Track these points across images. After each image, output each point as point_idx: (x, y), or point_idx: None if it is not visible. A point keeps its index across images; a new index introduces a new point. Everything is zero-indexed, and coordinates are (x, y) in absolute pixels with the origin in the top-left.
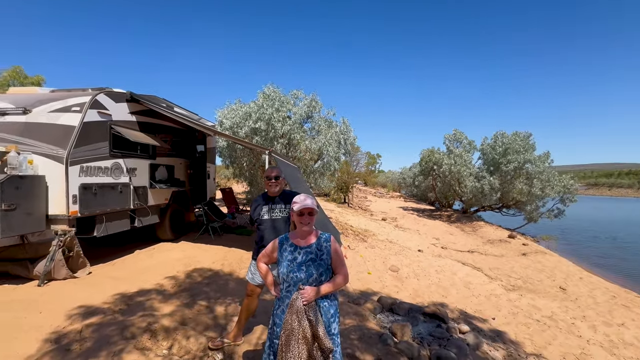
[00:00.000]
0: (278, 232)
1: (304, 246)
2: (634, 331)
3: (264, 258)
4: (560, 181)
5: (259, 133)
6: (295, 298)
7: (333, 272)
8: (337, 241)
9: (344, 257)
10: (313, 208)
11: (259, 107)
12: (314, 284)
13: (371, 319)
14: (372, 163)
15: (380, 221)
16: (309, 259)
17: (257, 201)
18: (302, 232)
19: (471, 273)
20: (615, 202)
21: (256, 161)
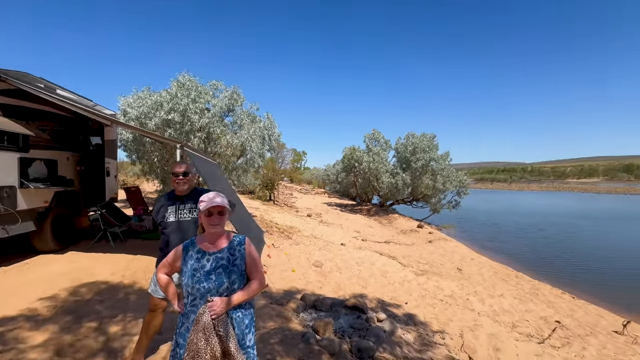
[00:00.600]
0: (186, 235)
1: (214, 251)
2: (510, 300)
3: (164, 268)
4: (457, 177)
5: (173, 125)
6: (201, 313)
7: (248, 277)
8: (260, 240)
9: (260, 260)
10: (224, 207)
11: (172, 97)
12: (225, 294)
13: (294, 319)
14: (297, 160)
15: (305, 217)
16: (219, 266)
17: (161, 201)
18: (210, 235)
19: (387, 262)
20: (495, 193)
21: (169, 156)
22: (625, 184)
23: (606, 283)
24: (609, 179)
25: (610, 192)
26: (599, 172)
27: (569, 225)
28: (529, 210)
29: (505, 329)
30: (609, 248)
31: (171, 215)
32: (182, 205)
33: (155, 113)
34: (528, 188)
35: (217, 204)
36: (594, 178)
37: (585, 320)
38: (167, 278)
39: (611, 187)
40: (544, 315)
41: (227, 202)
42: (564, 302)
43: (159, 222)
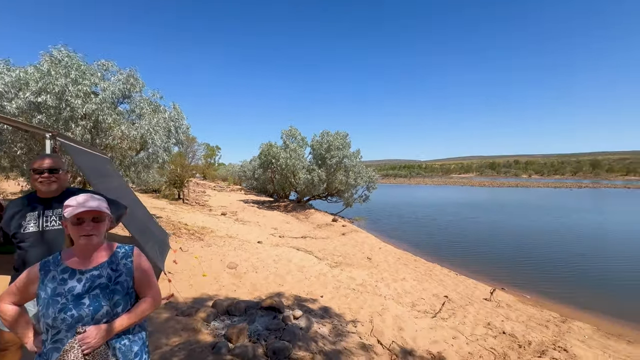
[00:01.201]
0: (54, 250)
1: (88, 269)
2: (410, 282)
3: (10, 296)
4: (366, 173)
5: (45, 110)
6: (67, 349)
7: (138, 295)
8: (165, 245)
9: (152, 273)
10: (100, 211)
11: (42, 75)
12: (105, 320)
13: (204, 330)
14: (211, 155)
15: (219, 216)
16: (96, 286)
17: (16, 206)
18: (82, 249)
19: (304, 257)
20: (398, 187)
21: (40, 148)
22: (490, 178)
23: (480, 259)
24: (480, 174)
25: (481, 185)
26: (473, 168)
27: (454, 214)
28: (425, 201)
29: (407, 309)
30: (483, 231)
31: (31, 224)
32: (49, 210)
33: (18, 93)
34: (423, 182)
35: (89, 208)
36: (470, 174)
37: (465, 293)
38: (15, 309)
39: (482, 181)
40: (436, 293)
41: (106, 205)
42: (450, 279)
43: (12, 234)
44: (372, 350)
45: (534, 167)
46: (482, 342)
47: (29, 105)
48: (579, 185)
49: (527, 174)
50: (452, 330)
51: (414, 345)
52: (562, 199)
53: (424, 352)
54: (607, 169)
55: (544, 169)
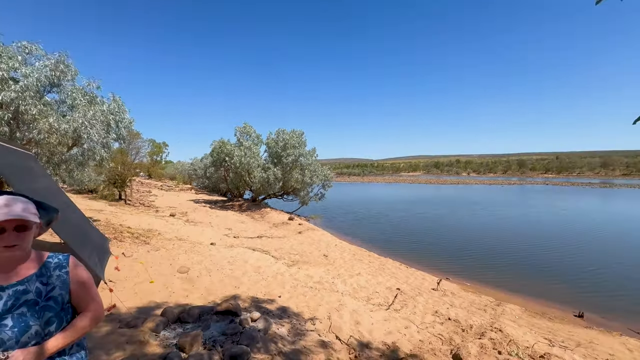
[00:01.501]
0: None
1: (10, 284)
2: (365, 277)
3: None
4: (322, 171)
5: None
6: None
7: (76, 311)
8: (105, 251)
9: (93, 283)
10: (25, 220)
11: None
12: (34, 342)
13: (152, 341)
14: (157, 152)
15: (168, 218)
16: (21, 304)
17: None
18: (2, 262)
19: (261, 257)
20: (352, 185)
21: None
22: (435, 176)
23: (427, 252)
24: (426, 172)
25: (427, 182)
26: (420, 167)
27: (404, 210)
28: (377, 199)
29: (363, 303)
30: (430, 225)
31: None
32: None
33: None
34: (375, 180)
35: (11, 216)
36: (418, 172)
37: (415, 284)
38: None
39: (428, 179)
40: (389, 286)
41: (34, 210)
42: (401, 272)
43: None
44: (331, 346)
45: (472, 166)
46: (431, 329)
47: None
48: (508, 182)
49: (467, 172)
50: (404, 320)
51: (370, 338)
52: (495, 194)
53: (379, 343)
54: (530, 168)
55: (480, 167)
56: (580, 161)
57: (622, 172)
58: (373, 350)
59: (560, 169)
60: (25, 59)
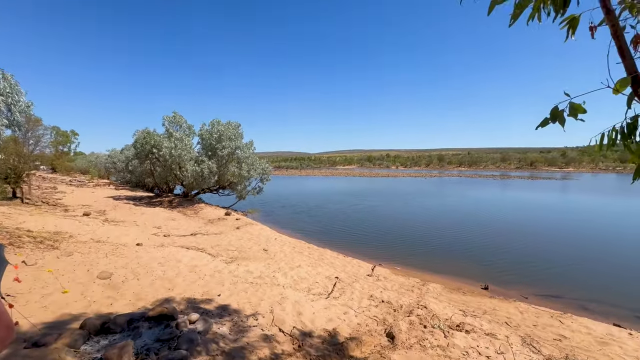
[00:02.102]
0: None
1: None
2: (305, 268)
3: None
4: (260, 164)
5: None
6: None
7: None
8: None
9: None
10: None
11: None
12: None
13: (69, 358)
14: (64, 142)
15: (81, 217)
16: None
17: None
18: None
19: (196, 256)
20: (290, 179)
21: None
22: (368, 169)
23: (361, 240)
24: (360, 166)
25: (361, 175)
26: (355, 161)
27: (340, 202)
28: (314, 191)
29: (304, 294)
30: (363, 216)
31: None
32: None
33: None
34: (313, 173)
35: None
36: (352, 165)
37: (352, 272)
38: None
39: (362, 172)
40: (328, 275)
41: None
42: (339, 261)
43: None
44: (275, 339)
45: (400, 160)
46: (367, 312)
47: None
48: (430, 175)
49: (395, 165)
50: (343, 307)
51: (312, 327)
52: (420, 185)
53: (321, 331)
54: (448, 162)
55: (407, 161)
56: (485, 156)
57: (515, 165)
58: (315, 338)
59: (471, 163)
60: None
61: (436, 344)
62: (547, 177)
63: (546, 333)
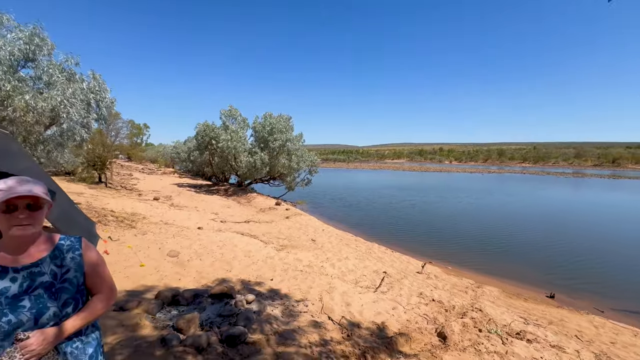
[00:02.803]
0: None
1: (24, 265)
2: (353, 261)
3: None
4: (309, 157)
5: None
6: (6, 359)
7: (90, 292)
8: (92, 235)
9: (105, 266)
10: (38, 197)
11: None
12: (52, 324)
13: (148, 323)
14: (137, 134)
15: (152, 201)
16: (37, 285)
17: None
18: (15, 242)
19: (250, 242)
20: (337, 171)
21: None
22: (419, 164)
23: (411, 237)
24: (410, 160)
25: (411, 169)
26: (405, 155)
27: (389, 196)
28: (362, 185)
29: (351, 286)
30: (414, 211)
31: None
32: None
33: None
34: (360, 167)
35: (23, 193)
36: (402, 159)
37: (401, 268)
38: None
39: (412, 166)
40: (376, 269)
41: (43, 189)
42: (387, 256)
43: None
44: (324, 326)
45: (454, 155)
46: (416, 309)
47: None
48: (488, 171)
49: (449, 160)
50: (391, 302)
51: (360, 318)
52: (477, 182)
53: (369, 323)
54: (509, 157)
55: (462, 156)
56: (555, 152)
57: (593, 162)
58: (363, 329)
59: (537, 159)
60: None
61: (493, 349)
62: (635, 176)
63: (628, 353)
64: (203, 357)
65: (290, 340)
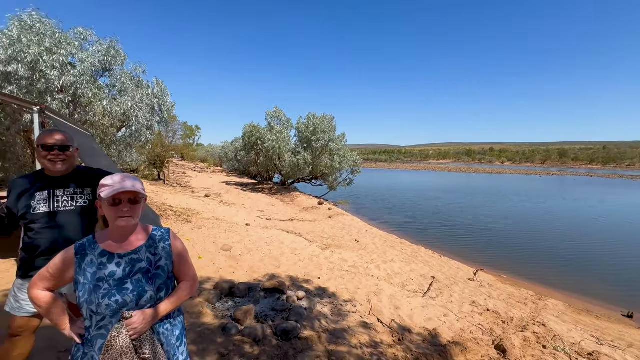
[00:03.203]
0: (67, 233)
1: (127, 252)
2: (398, 264)
3: (44, 282)
4: (351, 157)
5: (17, 81)
6: (115, 335)
7: (177, 279)
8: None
9: (189, 256)
10: (137, 192)
11: (12, 41)
12: (149, 306)
13: (209, 311)
14: (190, 135)
15: (203, 198)
16: (136, 271)
17: (22, 184)
18: (119, 231)
19: (295, 240)
20: (379, 172)
21: (12, 122)
22: (466, 165)
23: (461, 243)
24: (457, 160)
25: (457, 170)
26: (451, 155)
27: (434, 198)
28: (406, 186)
29: (398, 289)
30: (462, 215)
31: (41, 204)
32: (60, 190)
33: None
34: (403, 167)
35: (128, 188)
36: (447, 160)
37: (450, 273)
38: (50, 295)
39: (458, 167)
40: (423, 273)
41: (142, 185)
42: (435, 260)
43: (21, 215)
44: (374, 328)
45: (507, 155)
46: (470, 318)
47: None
48: (547, 173)
49: (500, 160)
50: (442, 308)
51: (410, 323)
52: (534, 185)
53: (420, 329)
54: (572, 158)
55: (516, 156)
56: (630, 152)
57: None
58: (414, 334)
59: (607, 160)
60: (81, 44)
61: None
62: None
63: None
64: (260, 348)
65: (340, 339)
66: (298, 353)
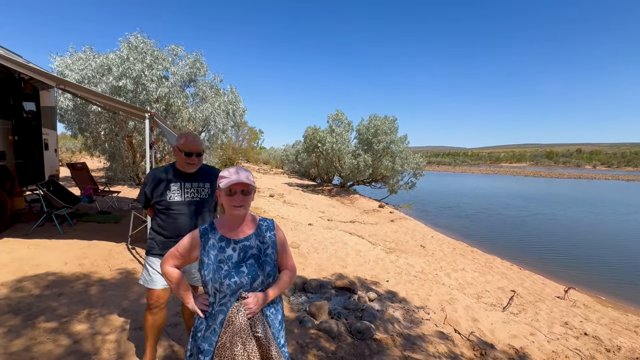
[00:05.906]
0: (192, 219)
1: (240, 239)
2: (471, 273)
3: (174, 259)
4: (413, 159)
5: (124, 94)
6: (235, 312)
7: (279, 268)
8: None
9: (288, 246)
10: (249, 184)
11: (122, 60)
12: (260, 289)
13: (286, 303)
14: (254, 139)
15: (268, 198)
16: (249, 256)
17: (160, 175)
18: (233, 219)
19: (358, 241)
20: (442, 175)
21: (120, 129)
22: (547, 169)
23: (542, 256)
24: (534, 164)
25: (535, 175)
26: (527, 158)
27: (509, 206)
28: (473, 192)
29: (473, 300)
30: (539, 225)
31: (176, 194)
32: (188, 183)
33: (102, 78)
34: (469, 171)
35: (242, 180)
36: (523, 163)
37: (533, 289)
38: (178, 272)
39: (536, 172)
40: (501, 286)
41: (253, 178)
42: (513, 272)
43: (157, 201)
44: (450, 339)
45: (600, 157)
46: (563, 341)
47: (111, 89)
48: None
49: (592, 164)
50: (527, 326)
51: (492, 338)
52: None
53: (505, 346)
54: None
55: (613, 159)
56: None
57: None
58: (498, 351)
59: None
60: (173, 59)
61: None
62: None
63: None
64: (335, 344)
65: (416, 346)
66: (374, 354)
